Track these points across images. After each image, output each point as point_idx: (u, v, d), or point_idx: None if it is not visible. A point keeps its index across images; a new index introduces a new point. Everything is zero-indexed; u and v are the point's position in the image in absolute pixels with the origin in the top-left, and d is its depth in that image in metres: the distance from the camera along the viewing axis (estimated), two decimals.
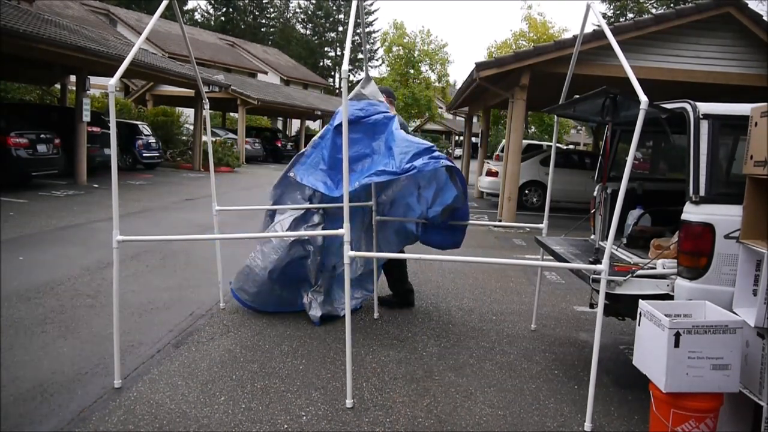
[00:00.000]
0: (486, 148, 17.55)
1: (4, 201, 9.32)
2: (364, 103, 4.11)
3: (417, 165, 3.60)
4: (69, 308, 4.48)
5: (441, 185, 4.36)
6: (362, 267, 4.90)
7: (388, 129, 4.00)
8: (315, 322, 4.44)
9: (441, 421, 3.06)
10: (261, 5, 55.90)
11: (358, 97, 4.15)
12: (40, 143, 11.25)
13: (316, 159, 4.16)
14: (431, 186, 4.43)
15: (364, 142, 4.02)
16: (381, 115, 4.06)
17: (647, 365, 2.80)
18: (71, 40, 11.13)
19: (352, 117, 3.91)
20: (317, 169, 4.12)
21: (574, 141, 38.83)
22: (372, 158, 4.01)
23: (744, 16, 9.32)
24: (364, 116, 4.03)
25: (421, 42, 29.19)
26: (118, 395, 3.13)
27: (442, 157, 3.73)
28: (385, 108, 4.19)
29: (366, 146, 4.03)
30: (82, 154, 12.52)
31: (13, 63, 12.92)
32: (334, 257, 4.69)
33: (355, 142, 3.93)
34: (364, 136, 4.02)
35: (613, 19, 32.63)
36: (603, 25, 3.63)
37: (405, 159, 3.66)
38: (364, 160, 4.01)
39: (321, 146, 4.16)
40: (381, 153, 3.98)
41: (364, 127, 4.03)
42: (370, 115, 4.04)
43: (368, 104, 4.11)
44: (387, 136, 3.98)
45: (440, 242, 4.66)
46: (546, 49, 9.82)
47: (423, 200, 4.51)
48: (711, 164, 3.06)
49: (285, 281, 4.59)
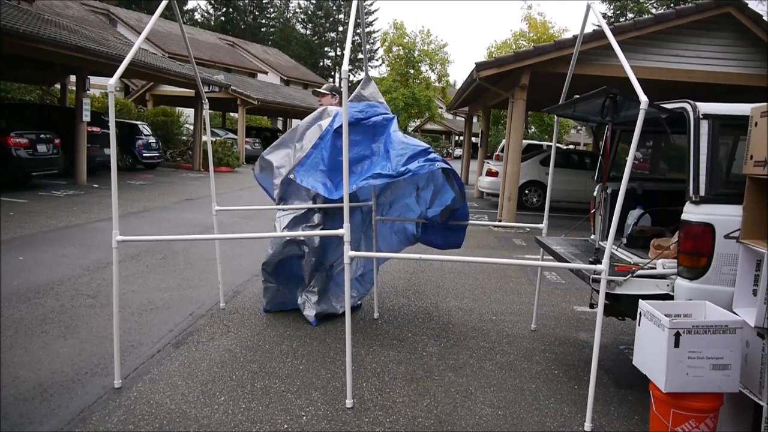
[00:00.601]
0: (486, 148, 17.54)
1: (4, 201, 9.32)
2: (363, 104, 4.14)
3: (412, 168, 3.61)
4: (69, 308, 4.48)
5: (439, 186, 4.37)
6: (362, 267, 4.90)
7: (387, 131, 4.02)
8: (311, 322, 4.44)
9: (441, 421, 3.06)
10: (261, 5, 55.88)
11: (358, 98, 4.17)
12: (40, 143, 11.25)
13: (316, 159, 4.16)
14: (429, 187, 4.44)
15: (363, 143, 4.05)
16: (380, 117, 4.09)
17: (647, 365, 2.80)
18: (71, 40, 11.13)
19: (352, 119, 3.95)
20: (317, 170, 4.13)
21: (574, 141, 38.82)
22: (371, 159, 4.03)
23: (744, 16, 9.32)
24: (364, 118, 4.06)
25: (421, 42, 29.19)
26: (118, 395, 3.13)
27: (438, 159, 3.74)
28: (384, 109, 4.20)
29: (365, 148, 4.05)
30: (82, 154, 12.51)
31: (13, 63, 12.91)
32: (331, 256, 4.69)
33: (354, 144, 3.96)
34: (363, 137, 4.04)
35: (613, 19, 32.64)
36: (603, 25, 3.63)
37: (401, 162, 3.67)
38: (364, 162, 4.04)
39: (321, 147, 4.16)
40: (380, 155, 4.00)
41: (364, 128, 4.06)
42: (370, 116, 4.07)
43: (368, 105, 4.14)
44: (386, 138, 4.00)
45: (441, 242, 4.65)
46: (546, 49, 9.82)
47: (422, 201, 4.52)
48: (711, 164, 3.06)
49: (280, 278, 4.61)
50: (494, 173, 13.66)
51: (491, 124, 22.38)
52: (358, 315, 4.79)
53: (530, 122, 25.61)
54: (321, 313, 4.53)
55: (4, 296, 4.62)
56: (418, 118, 32.37)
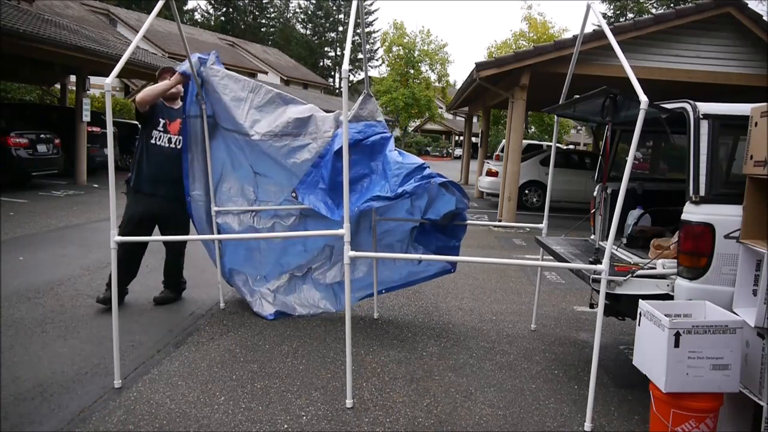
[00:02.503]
0: (486, 148, 17.55)
1: (4, 201, 9.33)
2: (361, 125, 4.24)
3: (408, 189, 3.80)
4: (69, 308, 4.48)
5: (433, 196, 4.38)
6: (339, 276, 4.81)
7: (385, 150, 4.13)
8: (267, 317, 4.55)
9: (441, 421, 3.06)
10: (261, 5, 55.92)
11: (356, 118, 4.22)
12: (40, 143, 11.25)
13: (316, 178, 4.25)
14: (423, 197, 4.44)
15: (362, 162, 4.19)
16: (378, 136, 4.21)
17: (647, 365, 2.80)
18: (71, 40, 11.13)
19: (352, 141, 4.04)
20: (317, 188, 4.24)
21: (574, 141, 38.84)
22: (371, 178, 4.15)
23: (744, 16, 9.32)
24: (362, 138, 4.18)
25: (421, 42, 29.21)
26: (118, 395, 3.13)
27: (433, 176, 3.89)
28: (382, 128, 4.30)
29: (365, 167, 4.19)
30: (82, 154, 12.52)
31: (13, 63, 12.92)
32: (295, 259, 4.76)
33: (354, 163, 4.07)
34: (362, 157, 4.18)
35: (613, 19, 32.64)
36: (603, 25, 3.63)
37: (397, 182, 3.84)
38: (363, 180, 4.16)
39: (321, 166, 4.21)
40: (378, 173, 4.12)
41: (362, 149, 4.18)
42: (368, 136, 4.19)
43: (366, 126, 4.23)
44: (383, 157, 4.11)
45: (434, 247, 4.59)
46: (546, 49, 9.82)
47: (416, 209, 4.51)
48: (711, 164, 3.06)
49: (236, 260, 4.75)
50: (494, 173, 13.67)
51: (491, 124, 22.39)
52: (358, 315, 4.79)
53: (530, 122, 25.64)
54: (279, 311, 4.63)
55: (4, 296, 4.62)
56: (418, 118, 32.41)
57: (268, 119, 4.27)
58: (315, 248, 4.72)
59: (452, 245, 4.48)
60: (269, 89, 4.39)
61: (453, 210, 4.32)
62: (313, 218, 4.54)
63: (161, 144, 4.55)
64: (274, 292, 4.73)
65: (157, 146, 4.53)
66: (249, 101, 4.29)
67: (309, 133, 4.26)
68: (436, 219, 4.41)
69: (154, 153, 4.52)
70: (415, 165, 3.92)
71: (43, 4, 18.42)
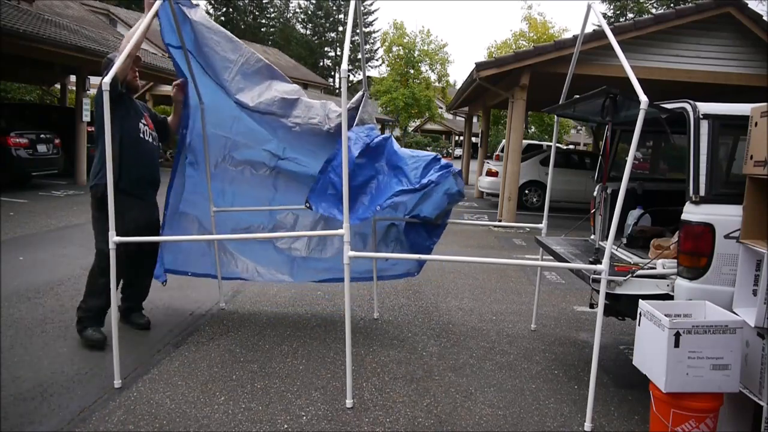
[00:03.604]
0: (486, 148, 17.56)
1: (4, 201, 9.33)
2: (366, 128, 4.22)
3: (434, 179, 3.78)
4: (69, 308, 4.47)
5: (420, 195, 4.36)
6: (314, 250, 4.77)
7: (387, 149, 4.13)
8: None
9: (441, 421, 3.06)
10: (261, 5, 55.90)
11: (361, 122, 4.23)
12: (40, 143, 11.26)
13: (324, 184, 4.20)
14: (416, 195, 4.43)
15: (368, 165, 4.18)
16: (380, 138, 4.21)
17: (647, 365, 2.80)
18: (71, 40, 11.14)
19: (362, 146, 4.02)
20: (326, 194, 4.16)
21: (574, 141, 38.85)
22: (377, 179, 4.12)
23: (744, 16, 9.33)
24: (369, 142, 4.19)
25: (421, 42, 29.20)
26: (118, 395, 3.13)
27: (450, 165, 3.93)
28: (377, 130, 4.31)
29: (371, 169, 4.19)
30: (82, 154, 12.53)
31: (13, 63, 12.92)
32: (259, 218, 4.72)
33: (361, 167, 4.03)
34: (368, 160, 4.18)
35: (613, 19, 32.65)
36: (603, 25, 3.63)
37: (418, 174, 3.85)
38: (371, 183, 4.13)
39: (329, 171, 4.18)
40: (384, 173, 4.10)
41: (370, 151, 4.19)
42: (372, 139, 4.19)
43: (369, 129, 4.23)
44: (387, 156, 4.10)
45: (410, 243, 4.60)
46: (546, 49, 9.82)
47: (401, 206, 4.49)
48: (711, 164, 3.06)
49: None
50: (494, 173, 13.67)
51: (491, 124, 22.39)
52: (358, 315, 4.79)
53: (530, 122, 25.63)
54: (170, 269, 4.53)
55: (4, 296, 4.62)
56: (418, 118, 32.39)
57: (253, 92, 4.03)
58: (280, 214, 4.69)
59: (428, 245, 4.47)
60: (260, 57, 4.14)
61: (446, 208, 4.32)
62: (284, 176, 4.58)
63: (148, 139, 4.01)
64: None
65: (144, 141, 3.95)
66: (238, 65, 4.03)
67: (294, 116, 4.05)
68: (430, 217, 4.40)
69: (144, 150, 3.96)
70: (431, 157, 3.97)
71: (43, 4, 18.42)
